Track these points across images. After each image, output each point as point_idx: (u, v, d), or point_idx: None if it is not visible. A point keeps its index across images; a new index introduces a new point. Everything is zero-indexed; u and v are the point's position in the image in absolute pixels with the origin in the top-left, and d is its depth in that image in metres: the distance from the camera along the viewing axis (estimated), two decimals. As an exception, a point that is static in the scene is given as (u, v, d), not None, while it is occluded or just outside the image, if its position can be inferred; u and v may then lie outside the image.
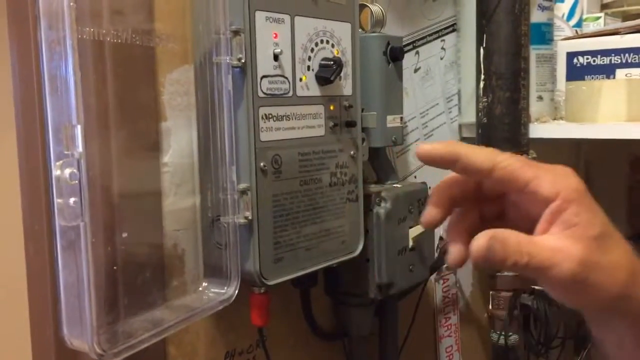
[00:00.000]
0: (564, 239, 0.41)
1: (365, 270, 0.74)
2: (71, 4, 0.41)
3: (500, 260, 0.41)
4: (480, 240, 0.40)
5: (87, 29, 0.49)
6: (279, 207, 0.61)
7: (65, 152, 0.42)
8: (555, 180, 0.42)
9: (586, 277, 0.40)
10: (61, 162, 0.42)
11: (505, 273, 0.93)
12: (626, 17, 1.20)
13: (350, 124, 0.68)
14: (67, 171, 0.42)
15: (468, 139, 1.02)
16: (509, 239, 0.41)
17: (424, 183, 0.82)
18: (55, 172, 0.42)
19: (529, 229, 0.42)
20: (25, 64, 0.54)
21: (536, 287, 0.91)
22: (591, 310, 0.44)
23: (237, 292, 0.58)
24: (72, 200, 0.42)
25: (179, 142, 0.61)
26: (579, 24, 1.12)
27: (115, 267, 0.51)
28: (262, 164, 0.59)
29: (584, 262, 0.40)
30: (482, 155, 0.43)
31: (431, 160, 0.43)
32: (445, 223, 0.46)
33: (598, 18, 1.15)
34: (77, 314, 0.44)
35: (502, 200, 0.45)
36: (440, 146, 0.42)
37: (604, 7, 1.21)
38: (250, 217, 0.58)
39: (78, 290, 0.44)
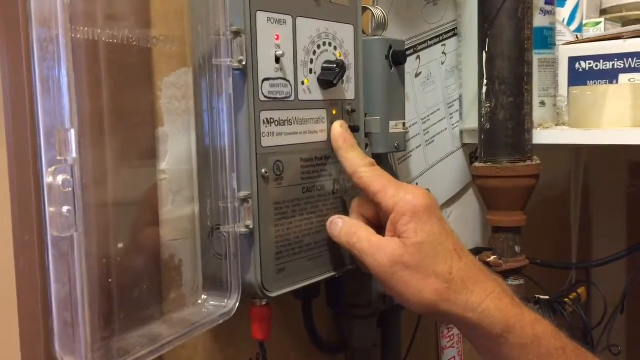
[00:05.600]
0: (389, 239, 0.50)
1: (369, 281, 0.72)
2: (65, 1, 0.39)
3: (337, 235, 0.55)
4: (333, 217, 0.57)
5: (81, 27, 0.46)
6: (281, 215, 0.58)
7: (58, 158, 0.39)
8: (396, 195, 0.51)
9: (396, 272, 0.49)
10: (54, 168, 0.39)
11: (510, 282, 0.90)
12: (625, 22, 1.19)
13: (354, 129, 0.66)
14: (60, 178, 0.39)
15: (470, 145, 1.01)
16: (350, 222, 0.54)
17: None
18: (47, 179, 0.39)
19: None
20: (16, 68, 0.51)
21: (541, 297, 0.89)
22: (410, 305, 0.50)
23: (238, 305, 0.55)
24: (65, 209, 0.39)
25: (177, 148, 0.58)
26: (579, 29, 1.11)
27: (110, 280, 0.48)
28: (263, 171, 0.56)
29: (396, 260, 0.49)
30: (350, 159, 0.55)
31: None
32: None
33: (598, 23, 1.14)
34: (71, 330, 0.41)
35: None
36: (337, 132, 0.58)
37: (602, 12, 1.20)
38: (251, 226, 0.55)
39: (71, 304, 0.41)
